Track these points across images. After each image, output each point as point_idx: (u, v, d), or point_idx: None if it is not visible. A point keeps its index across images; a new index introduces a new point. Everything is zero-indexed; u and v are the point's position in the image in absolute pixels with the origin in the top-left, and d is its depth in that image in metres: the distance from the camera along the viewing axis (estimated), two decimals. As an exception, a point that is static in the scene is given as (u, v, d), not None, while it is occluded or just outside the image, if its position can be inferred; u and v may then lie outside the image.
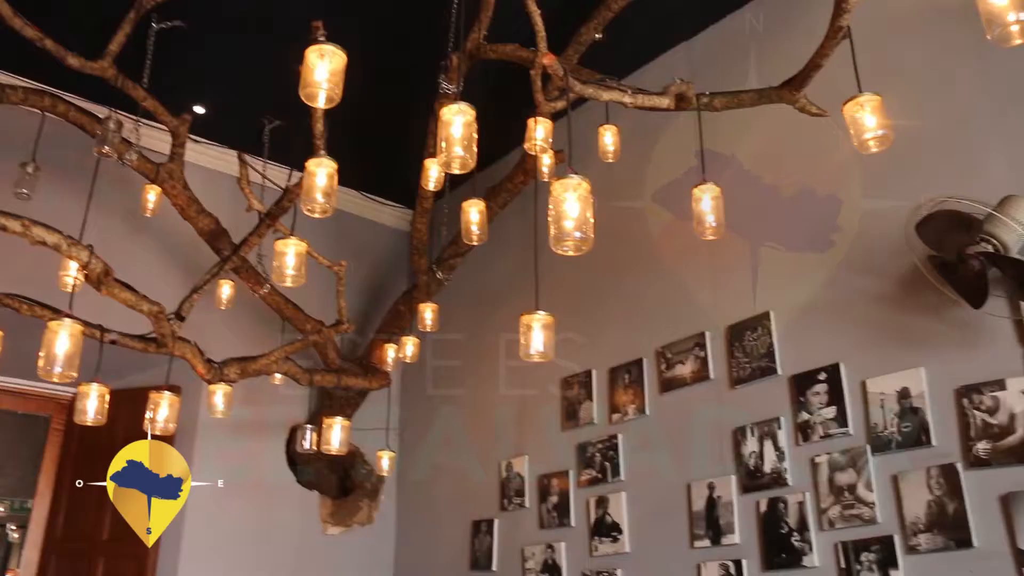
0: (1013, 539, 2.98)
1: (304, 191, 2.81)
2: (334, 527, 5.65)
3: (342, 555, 5.62)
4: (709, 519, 3.94)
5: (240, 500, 5.22)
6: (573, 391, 4.80)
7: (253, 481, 5.35)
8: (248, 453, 5.38)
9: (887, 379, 3.45)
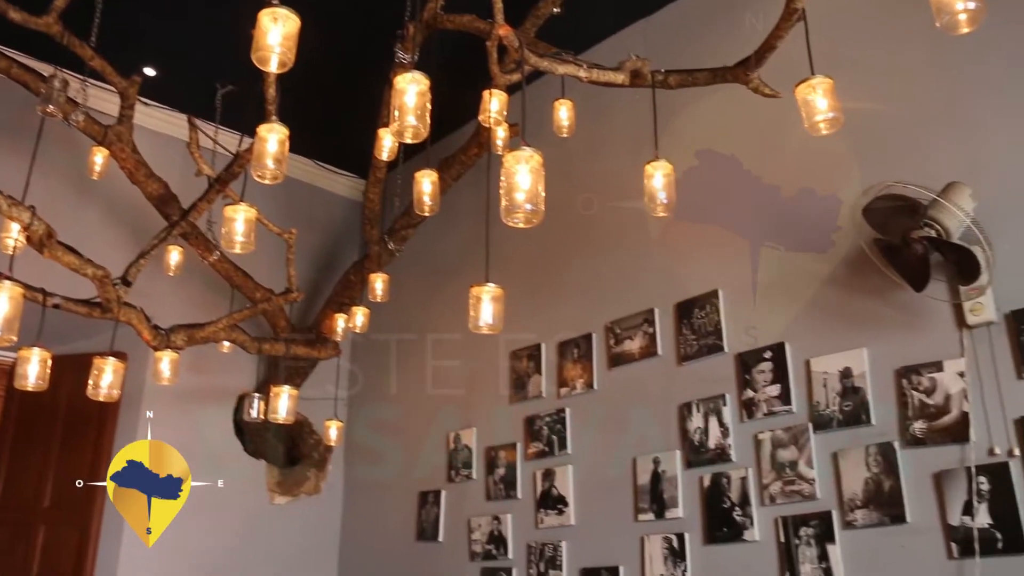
0: (944, 515, 3.07)
1: (255, 157, 2.77)
2: (281, 496, 5.62)
3: (289, 524, 5.61)
4: (653, 493, 4.00)
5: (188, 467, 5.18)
6: (522, 364, 4.82)
7: (200, 450, 5.29)
8: (195, 421, 5.33)
9: (830, 359, 3.52)
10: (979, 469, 2.99)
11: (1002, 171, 3.19)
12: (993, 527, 2.94)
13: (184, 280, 4.93)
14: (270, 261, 4.90)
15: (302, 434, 5.79)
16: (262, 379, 5.42)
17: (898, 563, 3.16)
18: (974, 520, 2.97)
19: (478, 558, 4.74)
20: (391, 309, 5.32)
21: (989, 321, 3.06)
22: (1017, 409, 2.97)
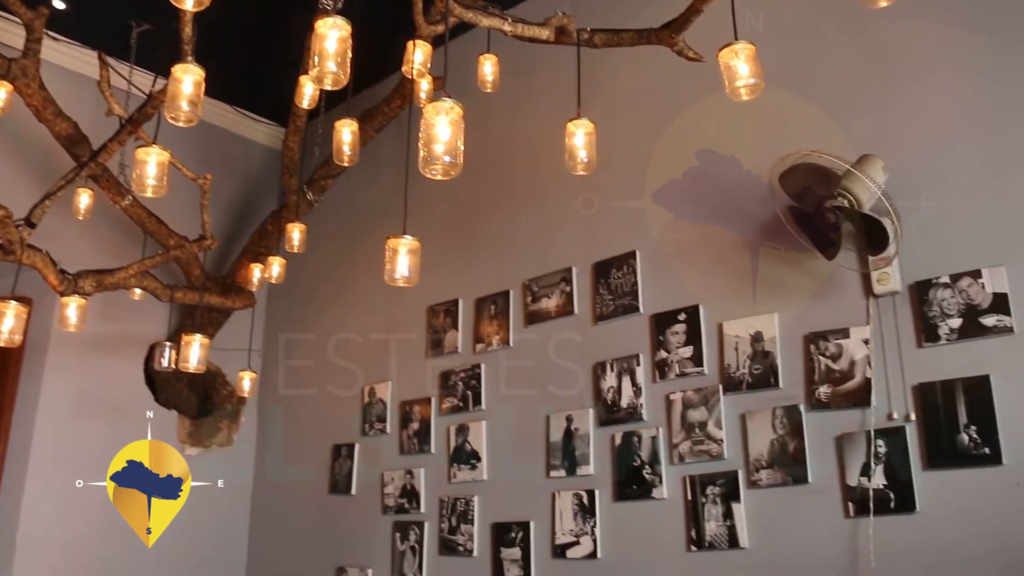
0: (843, 476, 3.18)
1: (169, 98, 2.68)
2: (192, 448, 5.53)
3: (200, 476, 5.51)
4: (565, 450, 4.04)
5: (93, 418, 5.06)
6: (439, 320, 4.81)
7: (108, 398, 5.18)
8: (103, 370, 5.20)
9: (743, 323, 3.59)
10: (878, 433, 3.10)
11: (914, 146, 3.27)
12: (887, 488, 3.05)
13: (94, 225, 4.79)
14: (185, 209, 4.77)
15: (215, 385, 5.70)
16: (174, 328, 5.30)
17: (798, 521, 3.26)
18: (870, 481, 3.08)
19: (391, 511, 4.75)
20: (308, 260, 5.25)
21: (894, 291, 3.16)
22: (916, 376, 3.07)
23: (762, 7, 3.65)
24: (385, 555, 4.73)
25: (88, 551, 4.94)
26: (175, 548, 5.26)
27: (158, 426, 5.31)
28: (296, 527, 5.35)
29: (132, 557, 5.00)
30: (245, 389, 4.96)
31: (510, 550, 4.14)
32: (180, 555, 5.30)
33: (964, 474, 2.91)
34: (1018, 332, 2.90)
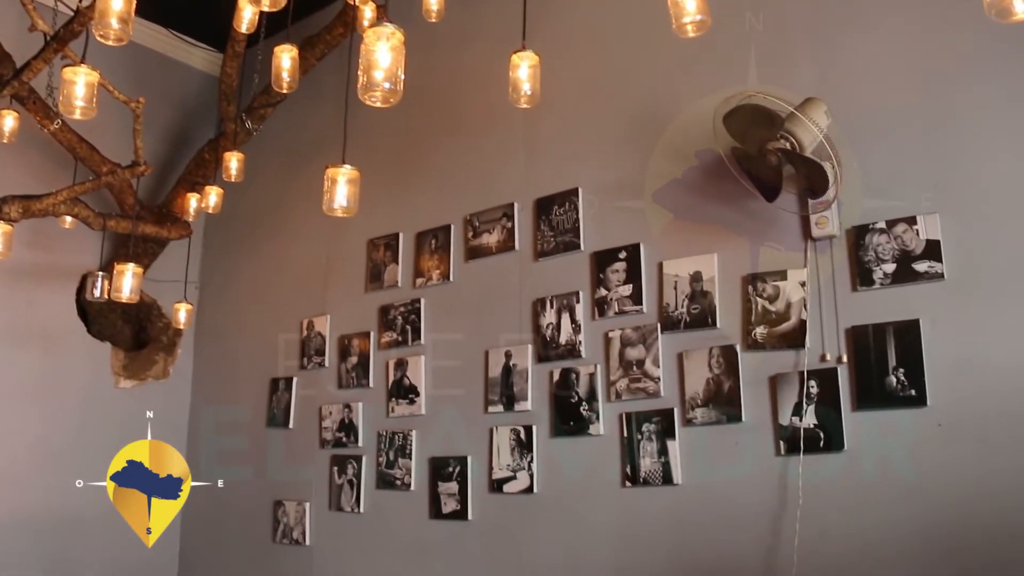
0: (775, 415, 3.24)
1: (98, 15, 2.55)
2: (127, 380, 5.45)
3: (135, 409, 5.41)
4: (504, 385, 4.06)
5: (23, 349, 4.95)
6: (379, 253, 4.76)
7: (38, 329, 5.06)
8: (33, 299, 5.07)
9: (682, 262, 3.60)
10: (811, 374, 3.16)
11: (857, 92, 3.28)
12: (817, 427, 3.12)
13: (21, 149, 4.62)
14: (118, 136, 4.63)
15: (150, 317, 5.60)
16: (107, 259, 5.17)
17: (731, 458, 3.33)
18: (802, 421, 3.15)
19: (328, 445, 4.74)
20: (247, 191, 5.16)
21: (832, 235, 3.19)
22: (849, 319, 3.13)
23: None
24: (323, 488, 4.73)
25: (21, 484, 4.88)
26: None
27: (91, 358, 5.27)
28: (233, 461, 5.32)
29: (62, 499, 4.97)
30: (181, 321, 4.88)
31: (447, 484, 4.17)
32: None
33: (891, 415, 2.99)
34: (948, 279, 2.96)
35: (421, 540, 4.24)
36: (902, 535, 2.92)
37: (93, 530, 5.12)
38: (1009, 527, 2.74)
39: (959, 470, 2.84)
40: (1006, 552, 2.74)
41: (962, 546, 2.81)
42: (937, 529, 2.86)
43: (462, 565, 4.07)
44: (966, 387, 2.87)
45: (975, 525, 2.80)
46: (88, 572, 5.02)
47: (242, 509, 5.16)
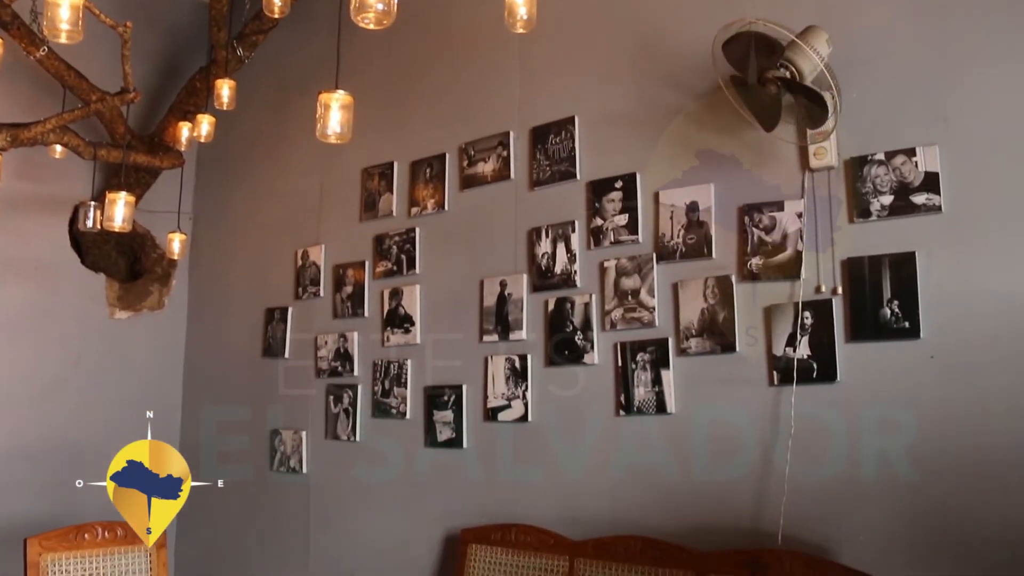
0: (769, 346, 3.26)
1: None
2: (122, 311, 5.44)
3: (131, 340, 5.47)
4: (499, 315, 4.07)
5: (17, 281, 4.94)
6: (373, 182, 4.72)
7: (31, 261, 5.03)
8: (25, 231, 5.03)
9: (679, 192, 3.58)
10: (805, 305, 3.17)
11: (858, 22, 3.22)
12: (811, 358, 3.14)
13: (8, 79, 4.54)
14: (108, 65, 4.54)
15: (144, 248, 5.57)
16: (99, 189, 5.12)
17: (724, 388, 3.36)
18: (795, 351, 3.17)
19: (324, 375, 4.77)
20: (240, 119, 5.09)
21: (830, 166, 3.17)
22: (845, 251, 3.12)
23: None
24: (319, 417, 4.78)
25: (17, 414, 4.91)
26: (109, 416, 5.27)
27: (86, 290, 5.26)
28: (230, 391, 5.36)
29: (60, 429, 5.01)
30: (175, 251, 4.85)
31: (442, 413, 4.21)
32: (114, 424, 5.29)
33: (884, 347, 3.01)
34: (946, 211, 2.95)
35: (416, 468, 4.30)
36: (892, 466, 2.96)
37: (91, 458, 5.15)
38: (996, 457, 2.78)
39: (950, 402, 2.88)
40: (992, 480, 2.79)
41: (950, 475, 2.86)
42: (925, 460, 2.90)
43: (457, 493, 4.13)
44: (960, 320, 2.89)
45: (964, 455, 2.84)
46: (88, 500, 5.07)
47: (239, 438, 5.20)
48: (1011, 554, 2.73)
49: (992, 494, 2.78)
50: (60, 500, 4.94)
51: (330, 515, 4.66)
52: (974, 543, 2.80)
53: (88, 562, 3.50)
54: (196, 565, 5.43)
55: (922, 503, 2.90)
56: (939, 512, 2.87)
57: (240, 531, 5.16)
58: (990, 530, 2.78)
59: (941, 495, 2.87)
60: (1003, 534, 2.75)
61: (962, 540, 2.82)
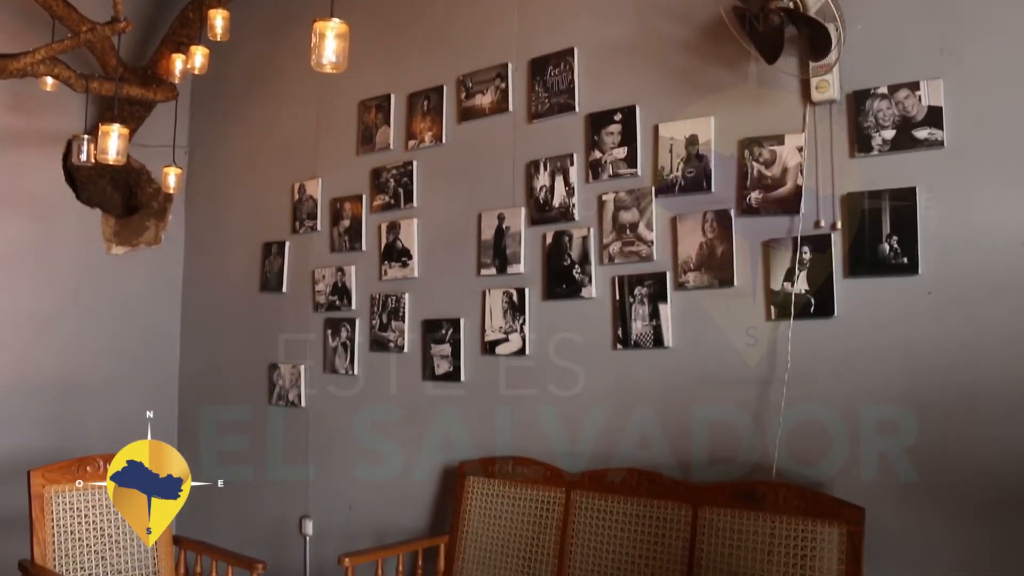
0: (767, 280, 3.27)
1: None
2: (118, 247, 5.42)
3: (128, 275, 5.45)
4: (497, 249, 4.06)
5: (11, 216, 4.90)
6: (370, 115, 4.66)
7: (25, 196, 4.99)
8: (18, 165, 4.97)
9: (678, 125, 3.54)
10: (804, 240, 3.17)
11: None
12: (808, 293, 3.15)
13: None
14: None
15: (139, 182, 5.52)
16: (92, 123, 5.05)
17: (722, 323, 3.37)
18: (793, 286, 3.17)
19: (322, 309, 4.78)
20: (234, 52, 5.01)
21: (832, 99, 3.13)
22: (845, 186, 3.11)
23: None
24: (317, 351, 4.80)
25: (17, 350, 4.93)
26: (109, 351, 5.29)
27: (82, 225, 5.23)
28: (228, 326, 5.37)
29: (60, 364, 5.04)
30: (171, 185, 4.80)
31: (440, 346, 4.22)
32: (113, 358, 5.32)
33: (882, 282, 3.01)
34: (948, 146, 2.92)
35: (414, 401, 4.33)
36: (887, 400, 2.99)
37: (92, 393, 5.21)
38: (991, 392, 2.81)
39: (946, 338, 2.89)
40: (986, 415, 2.82)
41: (943, 410, 2.89)
42: (920, 395, 2.93)
43: (455, 425, 4.16)
44: (958, 256, 2.88)
45: (958, 390, 2.86)
46: (89, 432, 5.13)
47: (238, 372, 5.24)
48: (1002, 485, 2.77)
49: (985, 428, 2.81)
50: (62, 433, 5.01)
51: (329, 449, 4.70)
52: (966, 476, 2.84)
53: (91, 494, 3.55)
54: (194, 498, 5.48)
55: (915, 437, 2.93)
56: (931, 446, 2.90)
57: (240, 464, 5.21)
58: (982, 463, 2.82)
59: (934, 429, 2.90)
60: (995, 467, 2.79)
61: (954, 473, 2.87)
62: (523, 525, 3.66)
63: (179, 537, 3.76)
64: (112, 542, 3.55)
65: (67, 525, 3.45)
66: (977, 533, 2.82)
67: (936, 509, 2.89)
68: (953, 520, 2.86)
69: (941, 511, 2.88)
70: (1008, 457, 2.77)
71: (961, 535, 2.85)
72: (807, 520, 2.95)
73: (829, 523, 2.90)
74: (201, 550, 3.63)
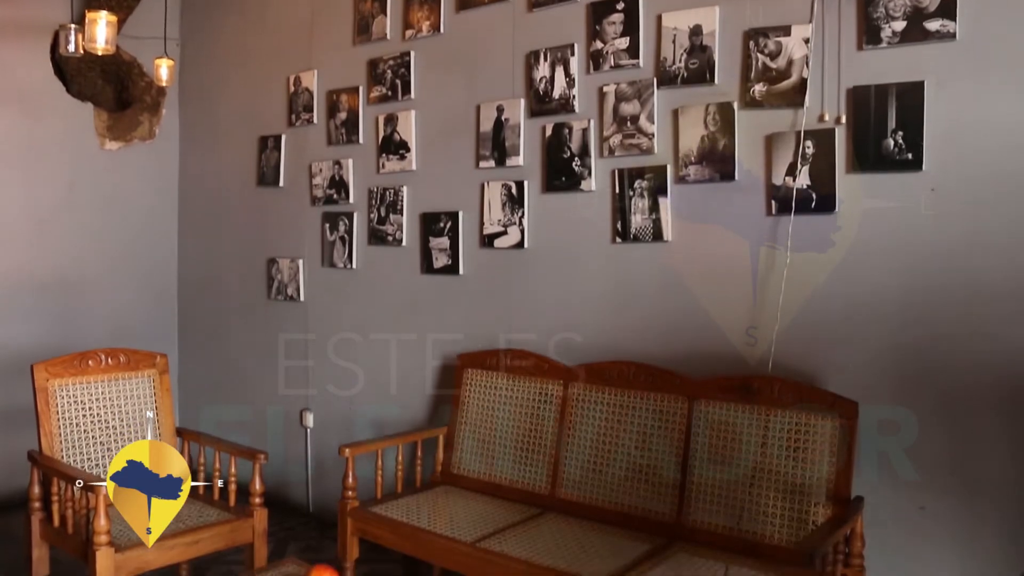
0: (769, 175, 3.24)
1: None
2: (112, 142, 5.34)
3: (123, 171, 5.39)
4: (495, 141, 4.01)
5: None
6: (366, 4, 4.53)
7: (13, 91, 4.90)
8: (3, 58, 4.87)
9: (682, 15, 3.45)
10: (807, 134, 3.12)
11: None
12: (810, 188, 3.12)
13: None
14: None
15: (131, 75, 5.41)
16: (79, 12, 4.90)
17: (722, 217, 3.36)
18: (795, 181, 3.14)
19: (319, 202, 4.75)
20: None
21: (841, -12, 3.05)
22: (851, 79, 3.04)
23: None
24: (315, 245, 4.80)
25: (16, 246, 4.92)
26: (107, 247, 5.28)
27: (74, 120, 5.14)
28: (225, 221, 5.35)
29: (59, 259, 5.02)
30: (163, 78, 4.69)
31: (439, 239, 4.22)
32: (112, 255, 5.32)
33: (885, 178, 2.98)
34: (960, 39, 2.84)
35: (413, 294, 4.35)
36: (884, 297, 3.00)
37: (92, 290, 5.23)
38: (990, 292, 2.81)
39: (948, 235, 2.88)
40: (984, 314, 2.82)
41: (941, 308, 2.89)
42: (918, 293, 2.94)
43: (453, 318, 4.19)
44: (964, 153, 2.84)
45: (957, 289, 2.86)
46: (91, 328, 5.16)
47: (237, 267, 5.24)
48: (997, 383, 2.80)
49: (983, 326, 2.82)
50: (63, 329, 5.05)
51: (328, 342, 4.74)
52: (960, 374, 2.87)
53: (94, 387, 3.59)
54: (198, 390, 5.58)
55: (912, 336, 2.95)
56: (928, 344, 2.92)
57: (240, 359, 5.27)
58: (978, 362, 2.84)
59: (932, 327, 2.91)
60: (991, 365, 2.81)
61: (948, 371, 2.89)
62: (521, 417, 3.72)
63: (182, 429, 3.82)
64: (116, 434, 3.62)
65: (72, 418, 3.50)
66: (966, 426, 2.87)
67: (927, 402, 2.93)
68: (944, 414, 2.90)
69: (932, 405, 2.92)
70: (1002, 355, 2.79)
71: (952, 428, 2.89)
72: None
73: (823, 416, 2.95)
74: (204, 441, 3.69)
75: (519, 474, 3.67)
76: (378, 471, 3.68)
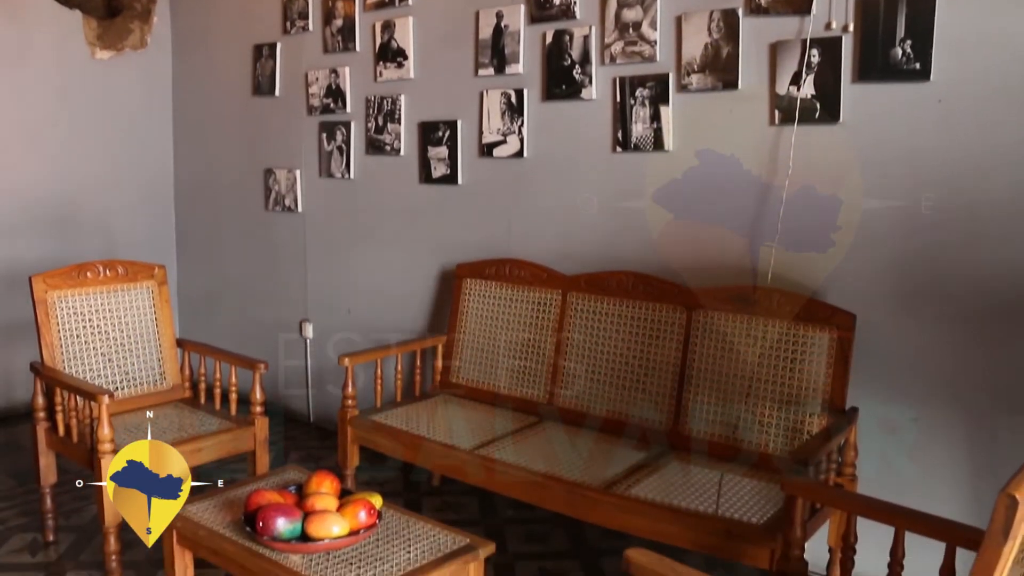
0: (773, 84, 3.18)
1: None
2: (103, 51, 5.23)
3: (116, 81, 5.29)
4: (495, 48, 3.94)
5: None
6: (361, -96, 4.41)
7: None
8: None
9: (686, -84, 3.36)
10: (814, 42, 3.05)
11: None
12: (815, 98, 3.07)
13: None
14: None
15: (120, -18, 5.28)
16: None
17: (724, 126, 3.32)
18: (800, 90, 3.09)
19: (316, 112, 4.69)
20: None
21: None
22: (861, -14, 2.96)
23: None
24: (312, 155, 4.75)
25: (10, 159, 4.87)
26: (102, 158, 5.23)
27: (62, 28, 5.03)
28: (221, 132, 5.29)
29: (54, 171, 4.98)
30: (153, -19, 4.59)
31: (437, 149, 4.17)
32: (106, 166, 5.27)
33: (892, 88, 2.92)
34: (974, -56, 2.76)
35: (411, 204, 4.33)
36: (886, 210, 2.97)
37: (87, 199, 5.19)
38: (994, 208, 2.78)
39: (953, 147, 2.83)
40: (987, 230, 2.80)
41: (945, 224, 2.87)
42: (921, 207, 2.90)
43: (452, 228, 4.18)
44: (974, 64, 2.78)
45: (960, 204, 2.84)
46: (87, 240, 5.15)
47: (233, 178, 5.20)
48: (998, 301, 2.80)
49: (986, 242, 2.81)
50: (59, 242, 5.03)
51: (326, 253, 4.74)
52: (960, 291, 2.87)
53: (94, 299, 3.58)
54: (197, 301, 5.59)
55: (914, 250, 2.94)
56: (930, 258, 2.91)
57: (238, 270, 5.27)
58: (977, 275, 2.83)
59: (934, 242, 2.90)
60: (992, 281, 2.81)
61: (949, 286, 2.89)
62: (519, 326, 3.74)
63: (182, 340, 3.83)
64: (118, 345, 3.63)
65: (72, 329, 3.51)
66: (962, 343, 2.88)
67: (924, 319, 2.94)
68: (940, 330, 2.92)
69: (929, 321, 2.93)
70: (1003, 271, 2.78)
71: (947, 345, 2.91)
72: (799, 325, 3.01)
73: (820, 328, 2.96)
74: (205, 351, 3.71)
75: (517, 383, 3.71)
76: (377, 380, 3.71)
